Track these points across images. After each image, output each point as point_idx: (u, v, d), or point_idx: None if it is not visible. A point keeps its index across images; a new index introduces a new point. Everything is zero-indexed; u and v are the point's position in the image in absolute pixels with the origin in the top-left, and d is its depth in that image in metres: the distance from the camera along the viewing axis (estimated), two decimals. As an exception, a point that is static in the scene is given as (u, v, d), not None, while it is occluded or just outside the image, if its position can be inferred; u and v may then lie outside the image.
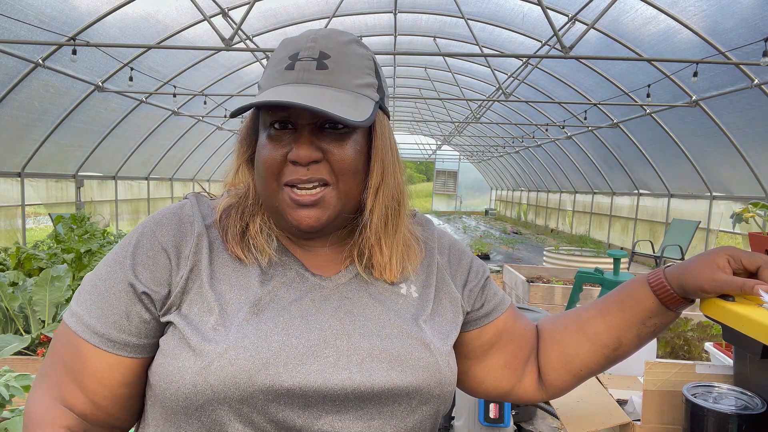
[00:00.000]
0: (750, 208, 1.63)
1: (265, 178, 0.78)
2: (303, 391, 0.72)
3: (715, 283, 0.82)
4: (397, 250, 0.84)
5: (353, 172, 0.78)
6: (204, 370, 0.70)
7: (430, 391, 0.77)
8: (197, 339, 0.73)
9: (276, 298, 0.78)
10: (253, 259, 0.80)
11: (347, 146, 0.77)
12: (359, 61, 0.79)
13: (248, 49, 7.18)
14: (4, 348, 2.53)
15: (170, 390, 0.72)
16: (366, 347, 0.76)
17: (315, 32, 0.80)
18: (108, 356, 0.77)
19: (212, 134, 13.85)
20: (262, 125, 0.80)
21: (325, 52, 0.77)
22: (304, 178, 0.75)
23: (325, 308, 0.78)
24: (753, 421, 0.99)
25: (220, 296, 0.77)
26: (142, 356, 0.79)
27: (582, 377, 0.95)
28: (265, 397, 0.71)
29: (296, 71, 0.77)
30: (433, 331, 0.82)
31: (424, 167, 36.31)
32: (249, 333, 0.73)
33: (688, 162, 9.46)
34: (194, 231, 0.80)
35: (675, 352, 2.11)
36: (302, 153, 0.75)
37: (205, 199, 0.88)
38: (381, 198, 0.81)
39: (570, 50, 6.27)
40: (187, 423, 0.73)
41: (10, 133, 7.58)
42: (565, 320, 0.96)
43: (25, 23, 6.15)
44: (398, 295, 0.83)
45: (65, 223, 4.52)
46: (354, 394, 0.73)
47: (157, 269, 0.77)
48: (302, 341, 0.74)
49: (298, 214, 0.77)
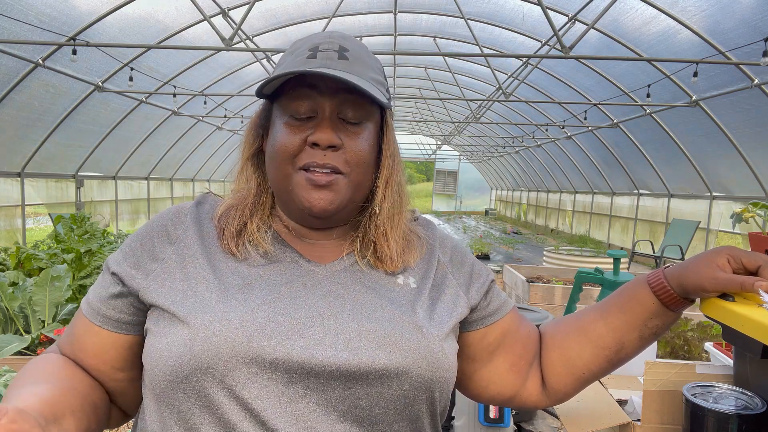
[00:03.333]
0: (750, 208, 1.63)
1: (280, 162, 0.80)
2: (286, 365, 0.72)
3: (716, 282, 0.82)
4: (399, 242, 0.86)
5: (366, 165, 0.81)
6: (190, 341, 0.72)
7: (421, 374, 0.76)
8: (184, 311, 0.75)
9: (267, 279, 0.79)
10: (246, 251, 0.82)
11: (362, 139, 0.81)
12: (372, 61, 0.85)
13: (248, 49, 7.18)
14: (4, 348, 2.53)
15: (159, 366, 0.74)
16: (354, 327, 0.76)
17: (330, 32, 0.85)
18: (93, 327, 0.83)
19: (212, 134, 13.86)
20: (280, 113, 0.82)
21: (344, 47, 0.82)
22: (320, 162, 0.78)
23: (316, 291, 0.79)
24: (753, 421, 0.99)
25: (207, 275, 0.79)
26: (124, 333, 0.82)
27: (585, 381, 0.94)
28: (248, 369, 0.71)
29: (319, 59, 0.79)
30: (428, 316, 0.82)
31: (424, 167, 36.31)
32: (235, 307, 0.74)
33: (688, 162, 9.46)
34: (187, 219, 0.85)
35: (675, 352, 2.11)
36: (324, 136, 0.77)
37: (212, 197, 0.91)
38: (390, 189, 0.85)
39: (570, 50, 6.27)
40: (174, 398, 0.73)
41: (10, 133, 7.58)
42: (566, 325, 0.96)
43: (25, 23, 6.15)
44: (395, 284, 0.84)
45: (65, 223, 4.52)
46: (339, 372, 0.73)
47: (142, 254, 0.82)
48: (288, 319, 0.74)
49: (312, 196, 0.78)
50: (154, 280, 0.79)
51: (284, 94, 0.81)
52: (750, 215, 1.62)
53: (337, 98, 0.79)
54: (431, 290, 0.86)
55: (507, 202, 26.03)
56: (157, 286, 0.79)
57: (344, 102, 0.79)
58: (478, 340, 0.92)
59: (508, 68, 10.74)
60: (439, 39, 10.62)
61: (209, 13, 6.83)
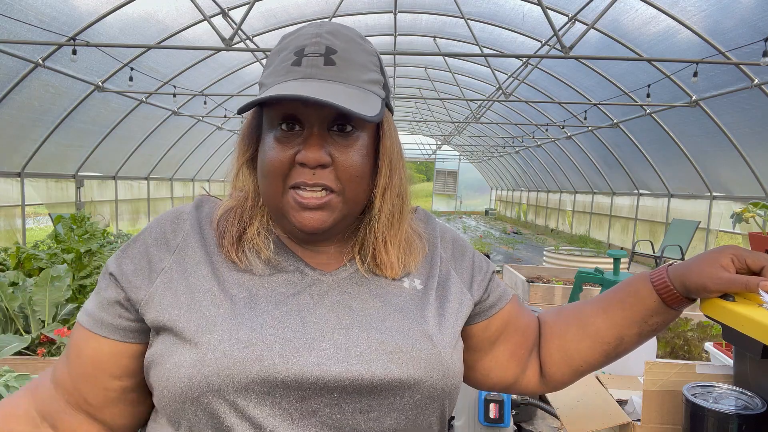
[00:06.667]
0: (750, 208, 1.63)
1: (270, 180, 0.76)
2: (299, 382, 0.70)
3: (719, 281, 0.81)
4: (400, 247, 0.84)
5: (360, 178, 0.77)
6: (198, 362, 0.70)
7: (433, 384, 0.75)
8: (191, 330, 0.72)
9: (273, 292, 0.77)
10: (248, 261, 0.79)
11: (354, 151, 0.75)
12: (365, 57, 0.78)
13: (248, 49, 7.18)
14: (4, 348, 2.53)
15: (168, 387, 0.72)
16: (365, 340, 0.74)
17: (318, 26, 0.77)
18: (93, 336, 0.79)
19: (212, 134, 13.86)
20: (268, 125, 0.77)
21: (331, 48, 0.75)
22: (309, 182, 0.74)
23: (323, 303, 0.77)
24: (753, 421, 0.99)
25: (212, 287, 0.76)
26: (121, 340, 0.78)
27: (582, 372, 0.95)
28: (260, 388, 0.69)
29: (303, 67, 0.74)
30: (437, 322, 0.80)
31: (424, 167, 36.29)
32: (243, 325, 0.72)
33: (688, 162, 9.46)
34: (186, 226, 0.81)
35: (675, 352, 2.11)
36: (311, 155, 0.73)
37: (212, 200, 0.88)
38: (388, 198, 0.81)
39: (570, 50, 6.27)
40: (185, 419, 0.72)
41: (10, 133, 7.58)
42: (566, 315, 0.96)
43: (25, 23, 6.15)
44: (400, 289, 0.82)
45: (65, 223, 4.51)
46: (352, 386, 0.71)
47: (140, 261, 0.79)
48: (298, 335, 0.73)
49: (302, 217, 0.75)
50: (155, 292, 0.76)
51: (270, 105, 0.76)
52: (750, 215, 1.62)
53: (324, 111, 0.73)
54: (437, 290, 0.85)
55: (507, 202, 26.03)
56: (159, 298, 0.75)
57: (332, 114, 0.74)
58: (481, 331, 0.91)
59: (508, 68, 10.74)
60: (439, 39, 10.62)
61: (209, 13, 6.83)
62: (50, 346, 2.81)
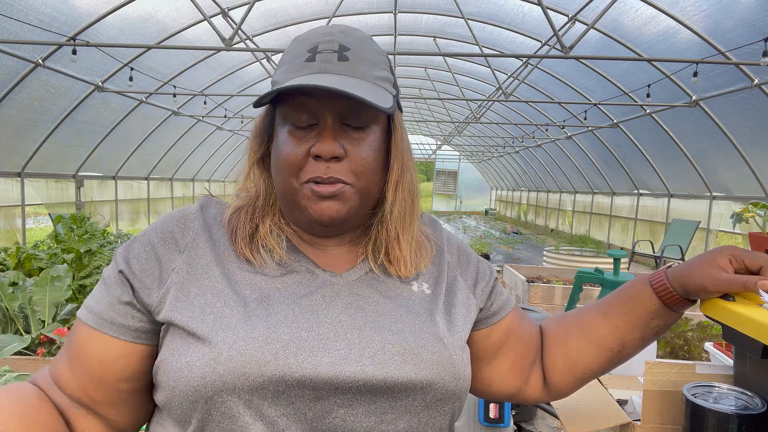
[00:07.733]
0: (750, 208, 1.63)
1: (285, 175, 0.77)
2: (313, 382, 0.70)
3: (718, 282, 0.81)
4: (412, 243, 0.85)
5: (372, 171, 0.78)
6: (213, 361, 0.69)
7: (445, 386, 0.76)
8: (204, 329, 0.72)
9: (286, 293, 0.77)
10: (261, 259, 0.79)
11: (366, 145, 0.77)
12: (376, 56, 0.80)
13: (248, 49, 7.18)
14: (4, 348, 2.53)
15: (179, 387, 0.71)
16: (378, 341, 0.75)
17: (330, 27, 0.80)
18: (100, 335, 0.77)
19: (212, 134, 13.86)
20: (281, 121, 0.79)
21: (344, 45, 0.77)
22: (324, 176, 0.75)
23: (336, 304, 0.77)
24: (753, 421, 0.99)
25: (224, 288, 0.76)
26: (132, 341, 0.77)
27: (586, 379, 0.94)
28: (275, 387, 0.69)
29: (318, 62, 0.76)
30: (447, 325, 0.81)
31: (424, 167, 36.26)
32: (258, 325, 0.72)
33: (688, 162, 9.46)
34: (195, 226, 0.81)
35: (675, 352, 2.11)
36: (326, 147, 0.74)
37: (216, 200, 0.88)
38: (400, 192, 0.82)
39: (570, 50, 6.27)
40: (195, 418, 0.71)
41: (10, 133, 7.58)
42: (567, 323, 0.96)
43: (25, 23, 6.15)
44: (410, 292, 0.82)
45: (65, 223, 4.51)
46: (366, 387, 0.72)
47: (149, 261, 0.77)
48: (312, 334, 0.73)
49: (319, 206, 0.76)
50: (167, 293, 0.75)
51: (284, 101, 0.77)
52: (750, 215, 1.62)
53: (338, 104, 0.75)
54: (445, 295, 0.85)
55: (507, 202, 26.03)
56: (172, 300, 0.75)
57: (346, 107, 0.75)
58: (483, 339, 0.91)
59: (508, 68, 10.74)
60: (439, 39, 10.62)
61: (209, 13, 6.83)
62: (50, 346, 2.82)
